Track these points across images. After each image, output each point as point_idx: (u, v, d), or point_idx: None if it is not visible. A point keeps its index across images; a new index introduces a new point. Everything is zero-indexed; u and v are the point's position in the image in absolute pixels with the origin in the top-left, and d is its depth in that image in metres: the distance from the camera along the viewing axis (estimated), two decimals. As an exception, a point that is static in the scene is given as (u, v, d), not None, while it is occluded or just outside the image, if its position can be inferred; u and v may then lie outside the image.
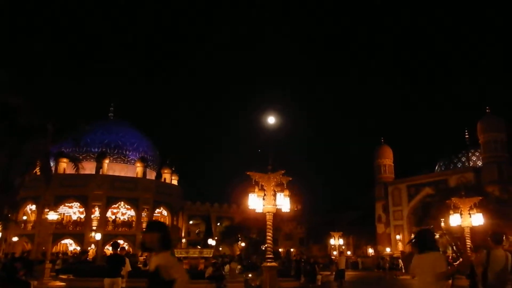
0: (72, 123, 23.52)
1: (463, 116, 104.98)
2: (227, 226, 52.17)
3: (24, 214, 45.63)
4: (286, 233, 57.59)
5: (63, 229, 43.46)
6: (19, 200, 32.51)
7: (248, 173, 12.82)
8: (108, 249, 41.60)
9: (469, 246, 16.14)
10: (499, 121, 42.32)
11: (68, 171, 42.74)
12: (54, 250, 40.96)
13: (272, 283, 12.45)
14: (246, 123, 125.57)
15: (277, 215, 13.80)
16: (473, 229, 16.89)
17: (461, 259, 23.23)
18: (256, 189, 12.66)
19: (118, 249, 11.29)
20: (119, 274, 10.60)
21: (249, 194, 12.76)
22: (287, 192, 12.78)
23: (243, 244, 46.57)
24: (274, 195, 12.59)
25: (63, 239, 43.91)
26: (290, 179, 13.12)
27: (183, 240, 52.84)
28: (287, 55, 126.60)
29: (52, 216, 23.59)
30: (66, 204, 45.00)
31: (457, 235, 28.56)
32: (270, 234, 12.79)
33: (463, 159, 50.45)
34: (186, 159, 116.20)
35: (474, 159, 48.85)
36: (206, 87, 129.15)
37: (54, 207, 33.91)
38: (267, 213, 12.62)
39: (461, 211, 16.39)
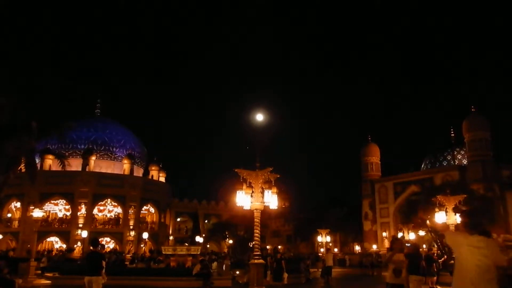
0: (57, 120, 23.28)
1: (449, 114, 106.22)
2: (214, 223, 52.12)
3: (8, 212, 45.03)
4: (273, 230, 57.80)
5: (49, 226, 43.00)
6: (3, 198, 32.04)
7: (236, 170, 12.80)
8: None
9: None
10: (484, 120, 42.82)
11: (53, 168, 42.26)
12: (39, 248, 40.50)
13: (259, 280, 12.47)
14: (235, 120, 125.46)
15: (265, 212, 13.82)
16: (457, 227, 17.12)
17: (445, 256, 23.55)
18: (244, 186, 12.65)
19: (98, 247, 11.17)
20: (98, 272, 10.38)
21: (237, 191, 12.75)
22: (275, 189, 12.78)
23: (231, 242, 46.57)
24: (262, 192, 12.58)
25: (49, 237, 43.43)
26: (278, 176, 13.12)
27: (171, 237, 52.66)
28: (276, 54, 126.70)
29: (37, 213, 23.30)
30: (52, 202, 44.50)
31: (442, 232, 28.91)
32: (257, 231, 12.79)
33: (449, 157, 51.04)
34: (174, 157, 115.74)
35: (459, 158, 49.44)
36: (194, 84, 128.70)
37: (39, 204, 33.48)
38: (255, 210, 12.62)
39: (446, 208, 16.61)
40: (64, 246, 42.15)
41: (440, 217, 17.04)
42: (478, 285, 4.28)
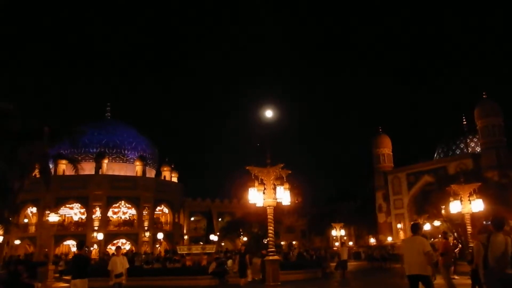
0: (68, 124, 23.47)
1: (460, 102, 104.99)
2: (228, 221, 52.18)
3: (25, 217, 45.62)
4: (287, 226, 57.76)
5: (65, 230, 43.53)
6: (19, 203, 32.52)
7: (247, 167, 12.77)
8: (111, 249, 41.70)
9: (469, 232, 16.18)
10: (496, 106, 42.23)
11: (67, 173, 42.70)
12: (56, 251, 41.03)
13: (275, 277, 12.47)
14: (245, 118, 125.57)
15: (278, 208, 13.76)
16: (473, 215, 16.92)
17: (460, 246, 23.32)
18: (256, 183, 12.61)
19: (84, 249, 11.15)
20: (84, 275, 10.27)
21: (249, 189, 12.71)
22: (287, 185, 12.74)
23: (245, 239, 46.63)
24: (274, 189, 12.54)
25: (65, 240, 43.95)
26: (290, 172, 13.05)
27: (185, 237, 52.93)
28: (284, 48, 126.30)
29: (53, 218, 23.59)
30: (67, 206, 45.01)
31: (457, 222, 28.62)
32: (271, 227, 12.76)
33: (462, 145, 50.46)
34: (185, 157, 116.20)
35: (472, 145, 48.87)
36: (204, 83, 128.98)
37: (54, 208, 33.87)
38: (268, 207, 12.59)
39: (461, 197, 16.38)
40: (81, 249, 42.54)
41: (455, 206, 16.84)
42: (414, 263, 7.80)
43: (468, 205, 16.19)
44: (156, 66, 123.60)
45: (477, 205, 16.25)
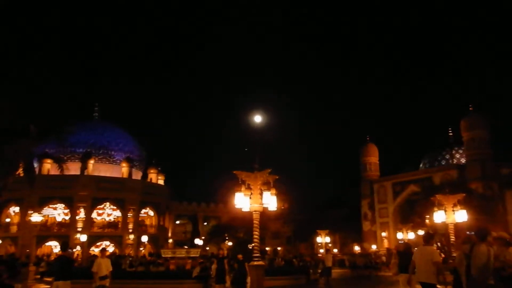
0: (55, 124, 23.23)
1: (446, 114, 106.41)
2: (214, 225, 52.01)
3: (7, 216, 44.84)
4: (273, 231, 57.67)
5: (48, 231, 42.81)
6: (2, 202, 31.97)
7: (234, 172, 12.78)
8: (94, 250, 41.17)
9: (453, 242, 16.38)
10: (482, 119, 42.91)
11: (52, 172, 42.12)
12: (38, 252, 40.34)
13: (259, 282, 12.45)
14: (233, 122, 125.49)
15: (264, 214, 13.78)
16: (457, 226, 17.14)
17: (442, 255, 23.55)
18: (243, 188, 12.61)
19: (68, 250, 11.08)
20: (68, 276, 10.17)
21: (236, 193, 12.71)
22: (273, 191, 12.75)
23: (230, 244, 46.45)
24: (261, 194, 12.56)
25: (48, 241, 43.23)
26: (277, 177, 13.09)
27: (170, 240, 52.53)
28: (274, 55, 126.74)
29: (36, 218, 23.25)
30: (51, 206, 44.27)
31: (441, 232, 28.93)
32: (257, 233, 12.77)
33: (447, 156, 51.12)
34: (172, 160, 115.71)
35: (457, 157, 49.54)
36: (193, 86, 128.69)
37: (38, 208, 33.43)
38: (254, 212, 12.60)
39: (445, 208, 16.61)
40: (64, 250, 41.88)
41: (439, 216, 17.04)
42: (422, 271, 8.32)
43: (452, 215, 16.42)
44: (147, 66, 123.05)
45: (461, 216, 16.48)
